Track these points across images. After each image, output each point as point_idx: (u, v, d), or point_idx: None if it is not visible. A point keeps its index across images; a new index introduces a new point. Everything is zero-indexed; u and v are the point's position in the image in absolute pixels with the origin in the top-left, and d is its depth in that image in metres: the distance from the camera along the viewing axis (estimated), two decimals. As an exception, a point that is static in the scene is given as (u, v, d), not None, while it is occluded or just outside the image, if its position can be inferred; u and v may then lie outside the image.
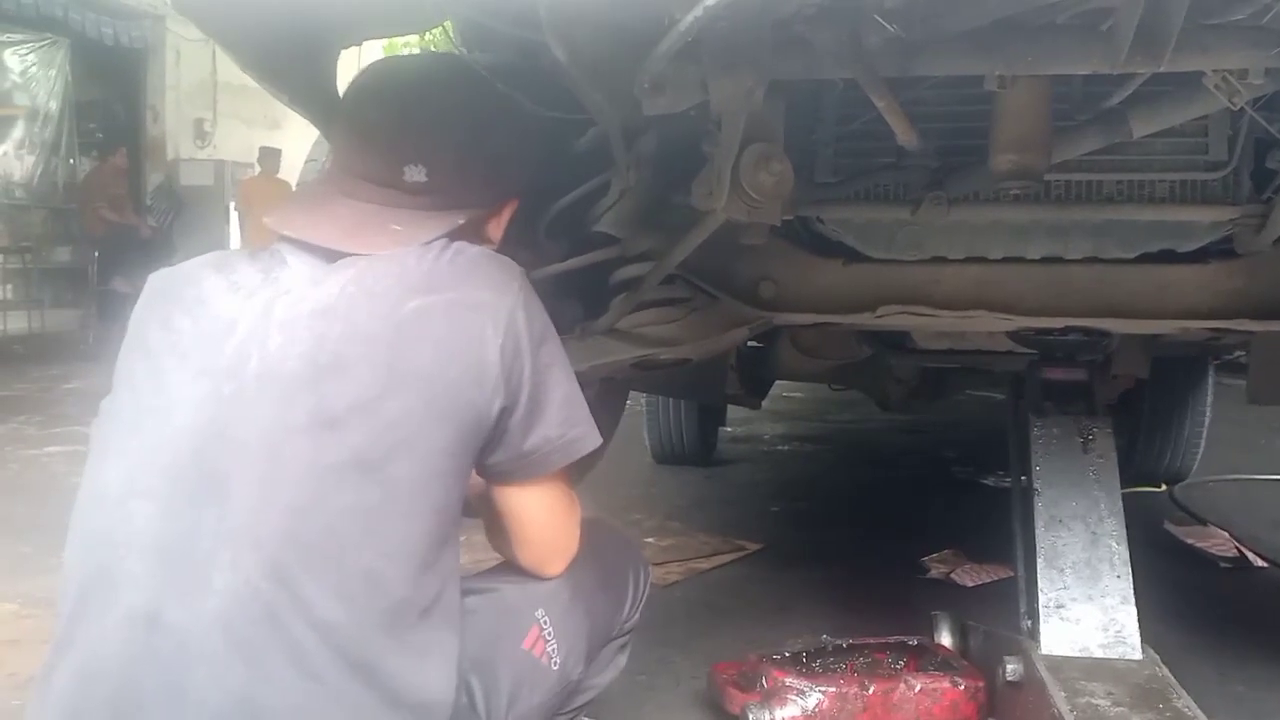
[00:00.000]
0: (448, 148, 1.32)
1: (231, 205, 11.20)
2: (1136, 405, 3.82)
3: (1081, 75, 1.62)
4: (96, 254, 9.84)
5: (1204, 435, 3.89)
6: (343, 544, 1.15)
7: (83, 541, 1.21)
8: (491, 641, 1.32)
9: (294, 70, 1.49)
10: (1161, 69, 1.38)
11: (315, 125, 1.65)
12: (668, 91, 1.41)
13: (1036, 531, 1.85)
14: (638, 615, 1.61)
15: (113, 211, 9.90)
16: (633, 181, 1.64)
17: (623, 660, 1.63)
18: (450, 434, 1.20)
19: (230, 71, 11.34)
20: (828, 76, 1.48)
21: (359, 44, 1.56)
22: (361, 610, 1.16)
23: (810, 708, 1.83)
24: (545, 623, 1.39)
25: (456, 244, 1.27)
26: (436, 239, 1.26)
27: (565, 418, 1.30)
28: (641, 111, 1.47)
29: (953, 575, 2.87)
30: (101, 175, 10.23)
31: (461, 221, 1.31)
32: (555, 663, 1.39)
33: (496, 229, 1.40)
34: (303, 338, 1.18)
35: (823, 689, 1.84)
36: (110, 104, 11.51)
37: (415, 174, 1.29)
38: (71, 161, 10.78)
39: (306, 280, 1.23)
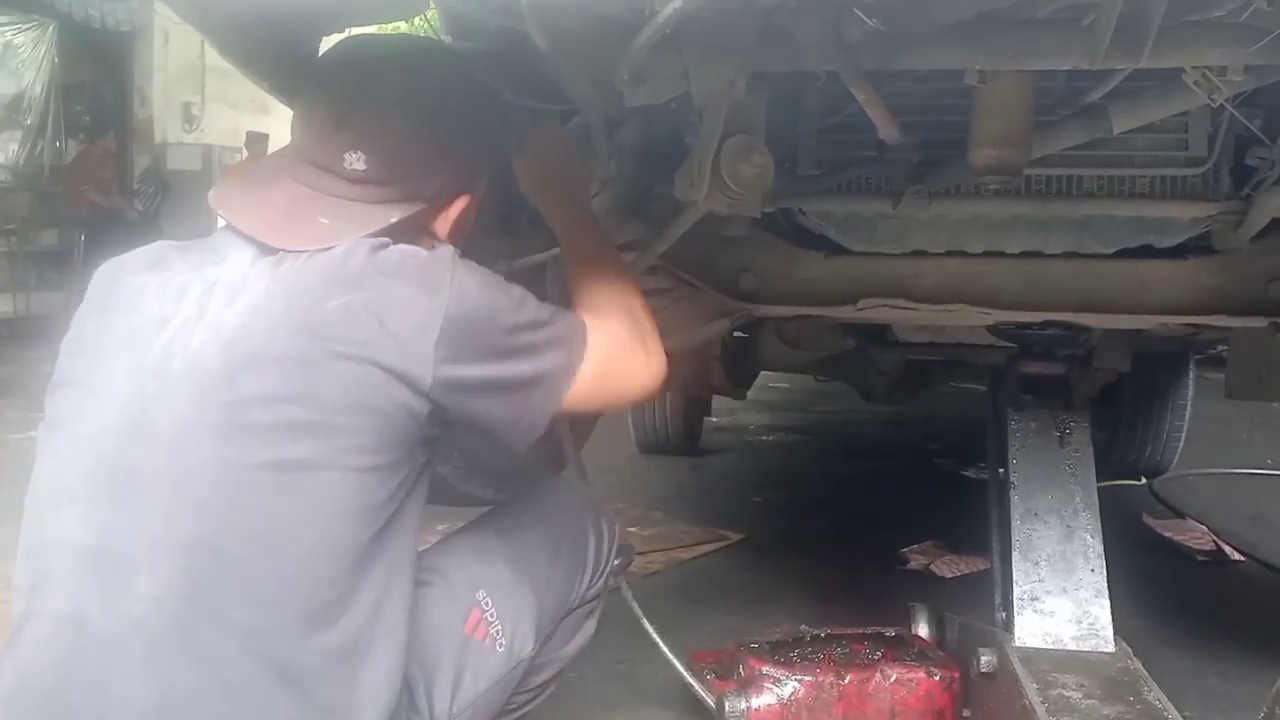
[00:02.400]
0: (390, 137, 1.26)
1: (219, 189, 11.14)
2: (1117, 399, 3.84)
3: (1063, 70, 1.62)
4: (82, 237, 9.78)
5: (1184, 429, 3.91)
6: (259, 546, 1.13)
7: (22, 547, 1.20)
8: (430, 631, 1.29)
9: (275, 57, 1.48)
10: (1141, 65, 1.39)
11: (296, 113, 1.64)
12: (649, 82, 1.40)
13: (1012, 524, 1.86)
14: (602, 581, 1.56)
15: (99, 194, 9.83)
16: (614, 172, 1.63)
17: (590, 627, 1.57)
18: (374, 433, 1.15)
19: (217, 54, 11.23)
20: (810, 69, 1.48)
21: (341, 31, 1.55)
22: (281, 614, 1.13)
23: (786, 696, 1.84)
24: (487, 604, 1.35)
25: (385, 241, 1.21)
26: (369, 235, 1.21)
27: (515, 403, 1.25)
28: (623, 102, 1.47)
29: (932, 566, 2.89)
30: (89, 158, 10.15)
31: (395, 219, 1.25)
32: (500, 644, 1.35)
33: (443, 224, 1.33)
34: (224, 336, 1.15)
35: (798, 678, 1.85)
36: (97, 86, 11.40)
37: (354, 161, 1.24)
38: (58, 144, 10.67)
39: (238, 277, 1.20)
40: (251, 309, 1.17)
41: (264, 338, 1.15)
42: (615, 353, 1.35)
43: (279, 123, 9.45)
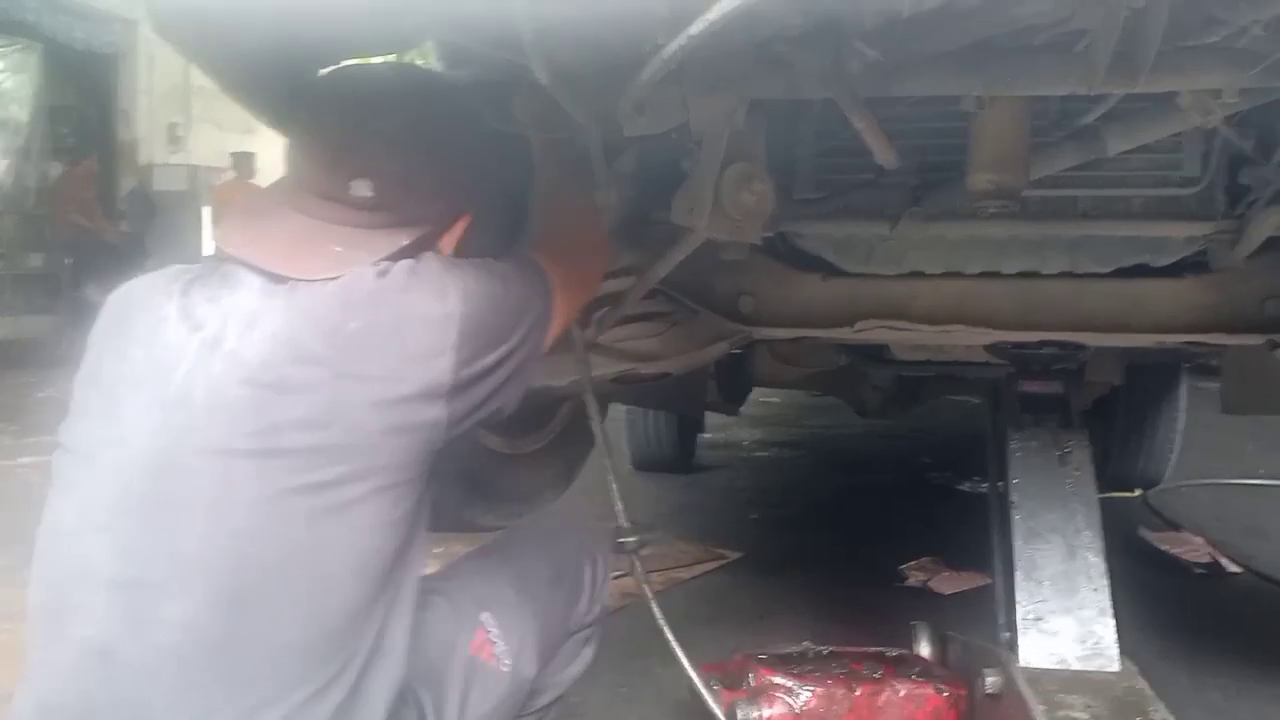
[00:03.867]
0: (396, 164, 1.29)
1: (205, 210, 11.11)
2: (1111, 411, 3.85)
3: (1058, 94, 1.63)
4: (68, 260, 9.74)
5: (1177, 440, 3.92)
6: (293, 568, 1.16)
7: (41, 576, 1.22)
8: (437, 650, 1.32)
9: (271, 89, 1.48)
10: (1138, 90, 1.40)
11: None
12: (648, 112, 1.41)
13: (1015, 544, 1.86)
14: (599, 608, 1.60)
15: (83, 217, 9.80)
16: (614, 199, 1.64)
17: (589, 654, 1.61)
18: (402, 450, 1.20)
19: (204, 76, 11.20)
20: (808, 96, 1.48)
21: (336, 64, 1.55)
22: (313, 632, 1.16)
23: (798, 706, 1.84)
24: (491, 625, 1.38)
25: (387, 264, 1.25)
26: (381, 260, 1.24)
27: (513, 368, 1.33)
28: (622, 131, 1.47)
29: (930, 583, 2.89)
30: (72, 180, 10.11)
31: (406, 242, 1.28)
32: (505, 665, 1.39)
33: (448, 244, 1.37)
34: (247, 364, 1.17)
35: (810, 688, 1.85)
36: (82, 109, 11.36)
37: (361, 189, 1.26)
38: (43, 167, 10.64)
39: (253, 305, 1.22)
40: (273, 337, 1.19)
41: (289, 365, 1.17)
42: (570, 281, 1.45)
43: (265, 143, 9.43)
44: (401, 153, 1.30)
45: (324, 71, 1.42)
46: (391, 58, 1.73)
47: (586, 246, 1.59)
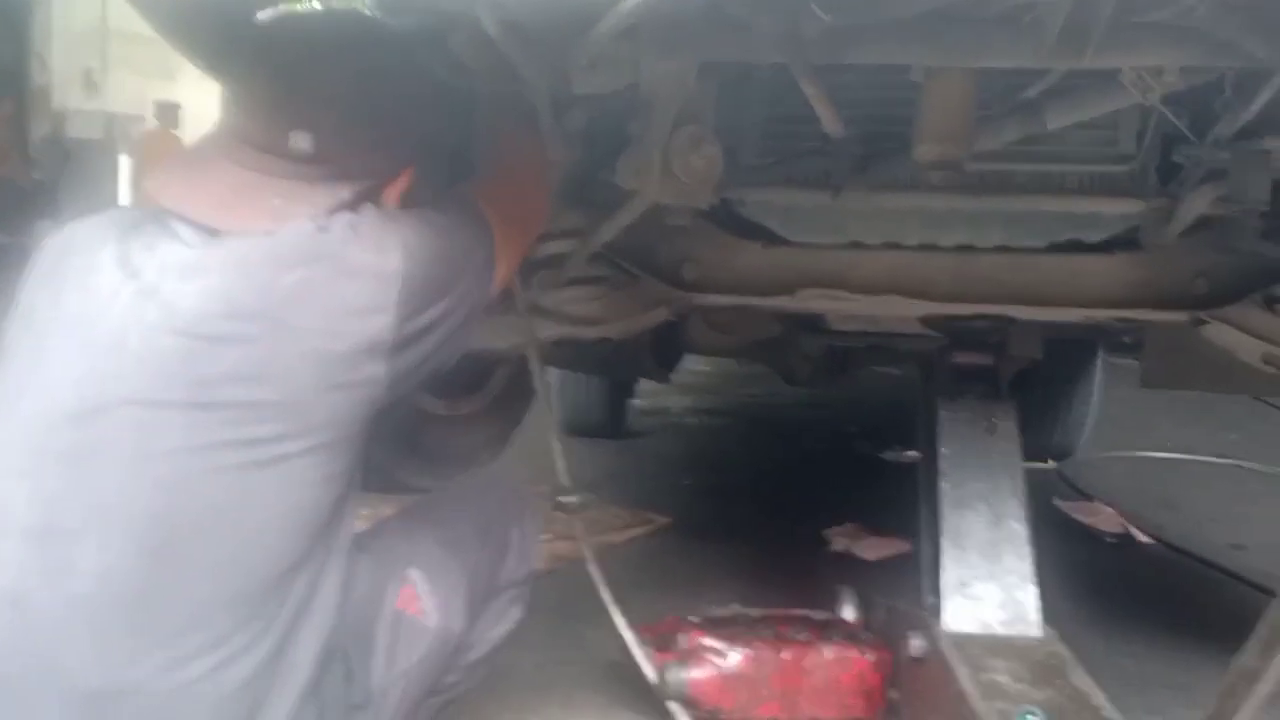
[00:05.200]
0: (336, 115, 1.26)
1: (122, 159, 10.77)
2: (1029, 384, 3.93)
3: (1002, 68, 1.65)
4: (-24, 205, 9.37)
5: (1090, 414, 4.03)
6: (219, 520, 1.15)
7: None
8: (364, 606, 1.32)
9: (208, 32, 1.43)
10: (1084, 64, 1.42)
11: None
12: (600, 70, 1.39)
13: (942, 512, 1.90)
14: (526, 567, 1.62)
15: (-5, 161, 9.43)
16: (560, 157, 1.62)
17: (516, 613, 1.63)
18: (340, 406, 1.19)
19: (122, 18, 10.84)
20: (762, 60, 1.48)
21: (273, 9, 1.50)
22: (236, 586, 1.16)
23: (727, 668, 1.86)
24: (418, 580, 1.39)
25: (338, 214, 1.23)
26: (320, 213, 1.22)
27: (456, 322, 1.32)
28: (571, 88, 1.45)
29: (854, 548, 2.94)
30: (-16, 124, 9.72)
31: (347, 195, 1.26)
32: (432, 619, 1.40)
33: (391, 197, 1.35)
34: (182, 314, 1.15)
35: (739, 650, 1.87)
36: (-8, 49, 10.92)
37: (301, 141, 1.24)
38: (-50, 108, 10.21)
39: (189, 256, 1.19)
40: (208, 290, 1.16)
41: (223, 319, 1.15)
42: (511, 227, 1.45)
43: (187, 91, 9.18)
44: (342, 104, 1.27)
45: (261, 17, 1.37)
46: (331, 4, 1.69)
47: (529, 193, 1.58)
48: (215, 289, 1.16)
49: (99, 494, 1.13)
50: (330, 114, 1.26)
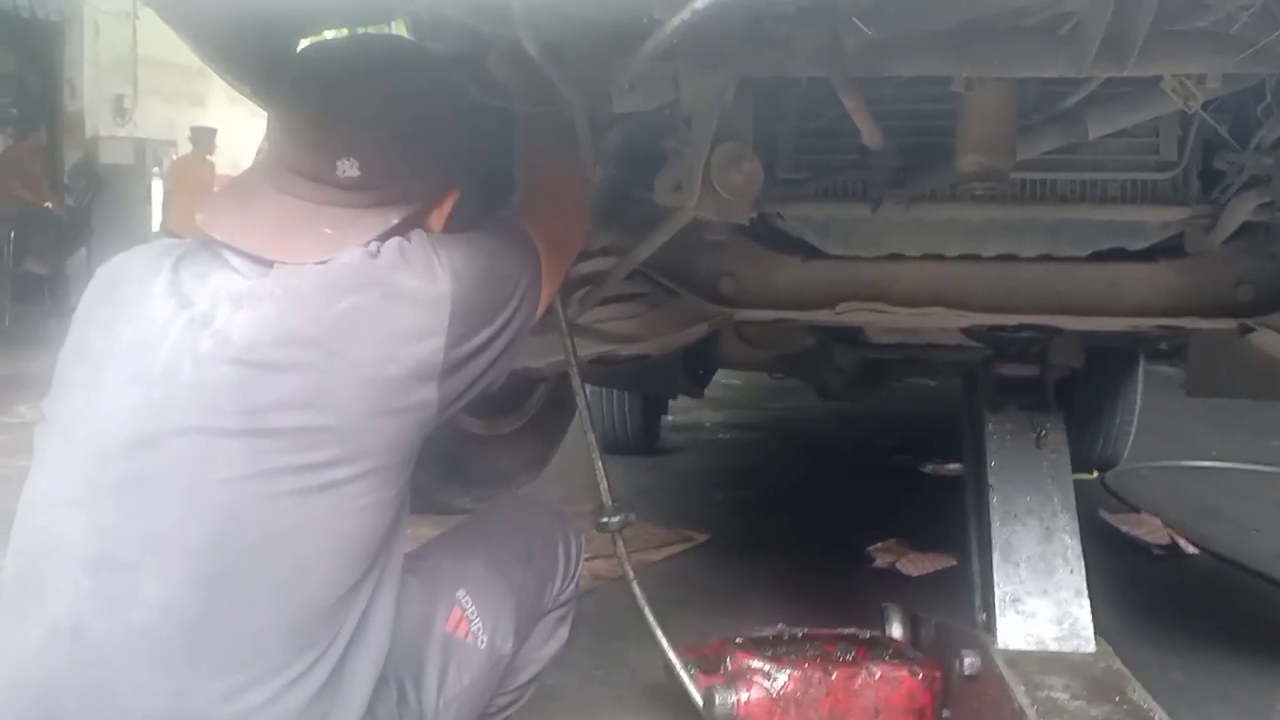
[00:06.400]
0: (381, 141, 1.26)
1: (153, 184, 10.90)
2: (1070, 394, 3.89)
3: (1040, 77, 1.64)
4: (11, 234, 9.51)
5: (1134, 423, 3.98)
6: (277, 547, 1.14)
7: (16, 550, 1.19)
8: (414, 629, 1.32)
9: (252, 59, 1.44)
10: (1125, 74, 1.40)
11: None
12: (639, 89, 1.39)
13: (992, 526, 1.87)
14: (572, 587, 1.61)
15: (28, 191, 9.57)
16: (598, 177, 1.62)
17: (563, 633, 1.62)
18: (392, 431, 1.19)
19: (151, 46, 10.96)
20: (801, 74, 1.47)
21: (318, 34, 1.51)
22: (295, 614, 1.15)
23: (775, 690, 1.84)
24: (467, 602, 1.39)
25: (388, 241, 1.23)
26: (371, 240, 1.22)
27: (505, 343, 1.32)
28: (610, 107, 1.45)
29: (897, 564, 2.91)
30: (17, 154, 9.88)
31: (396, 221, 1.26)
32: (482, 641, 1.39)
33: (437, 221, 1.35)
34: (235, 343, 1.16)
35: (787, 671, 1.85)
36: (25, 79, 11.09)
37: (348, 168, 1.24)
38: (-15, 138, 10.40)
39: (242, 286, 1.20)
40: (261, 318, 1.16)
41: (277, 346, 1.15)
42: (554, 248, 1.44)
43: (215, 116, 9.28)
44: (387, 130, 1.27)
45: (302, 47, 1.38)
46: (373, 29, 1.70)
47: (569, 213, 1.58)
48: (268, 317, 1.16)
49: (156, 524, 1.13)
50: (376, 140, 1.26)
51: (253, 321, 1.16)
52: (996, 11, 1.35)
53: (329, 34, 1.56)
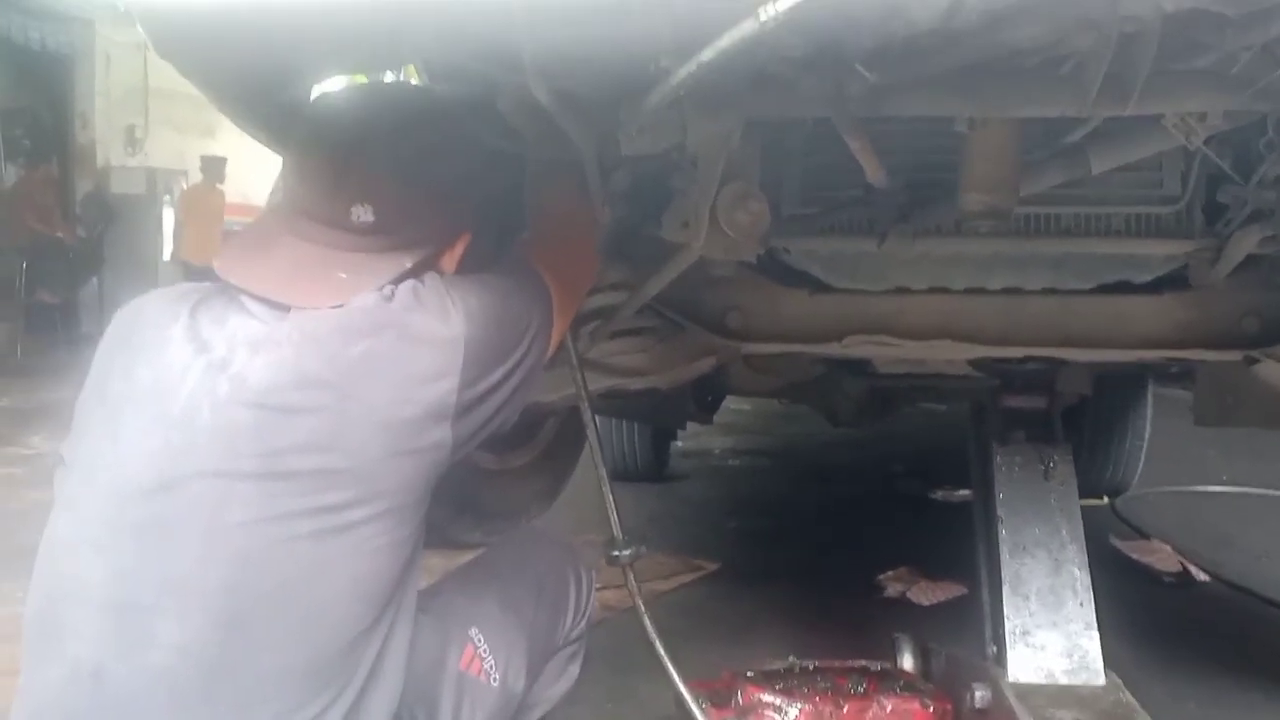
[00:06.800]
0: (395, 187, 1.28)
1: (164, 213, 10.97)
2: (1079, 420, 3.90)
3: (1043, 114, 1.65)
4: (24, 264, 9.58)
5: (1144, 448, 3.98)
6: (294, 589, 1.16)
7: (37, 592, 1.21)
8: (428, 667, 1.33)
9: (268, 109, 1.47)
10: (1127, 112, 1.42)
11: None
12: (647, 133, 1.42)
13: (1001, 559, 1.88)
14: (584, 623, 1.63)
15: (40, 222, 9.64)
16: (607, 216, 1.64)
17: (574, 670, 1.64)
18: (407, 473, 1.20)
19: (162, 77, 11.05)
20: (805, 115, 1.49)
21: (331, 78, 1.54)
22: (312, 654, 1.17)
23: None
24: (479, 640, 1.40)
25: (402, 284, 1.25)
26: (385, 284, 1.24)
27: (517, 383, 1.33)
28: (618, 150, 1.47)
29: (909, 594, 2.91)
30: (30, 185, 9.96)
31: (410, 264, 1.28)
32: (494, 679, 1.40)
33: (450, 263, 1.37)
34: (253, 387, 1.17)
35: (798, 705, 1.85)
36: (37, 111, 11.18)
37: (362, 214, 1.26)
38: (-3, 170, 10.47)
39: (259, 330, 1.22)
40: (279, 362, 1.18)
41: (294, 390, 1.17)
42: (565, 287, 1.47)
43: (225, 146, 9.28)
44: (401, 176, 1.29)
45: (316, 96, 1.41)
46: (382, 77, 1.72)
47: (579, 252, 1.60)
48: (285, 361, 1.18)
49: (175, 567, 1.15)
50: (390, 185, 1.28)
51: (270, 365, 1.18)
52: (998, 54, 1.37)
53: (340, 79, 1.58)
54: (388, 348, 1.19)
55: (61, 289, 9.83)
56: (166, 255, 10.78)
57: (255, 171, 7.42)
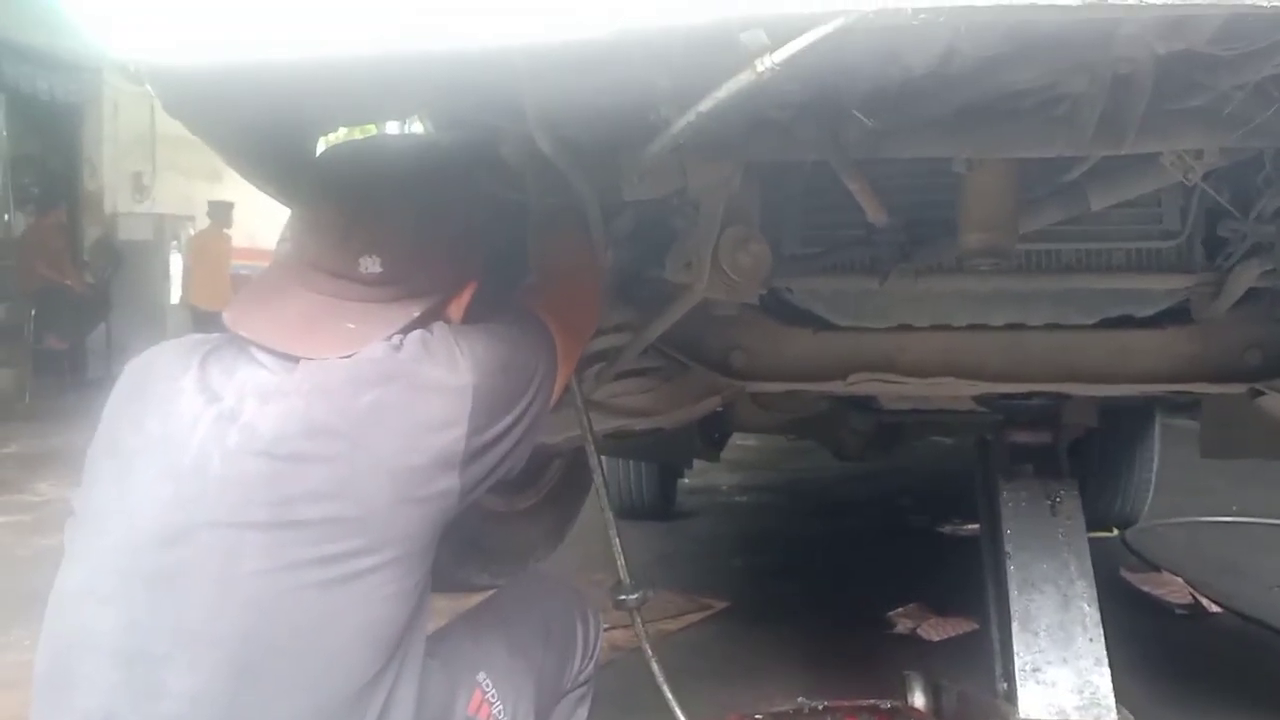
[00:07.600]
0: (402, 237, 1.30)
1: (172, 259, 11.04)
2: (1087, 452, 3.89)
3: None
4: (33, 311, 9.63)
5: (1153, 479, 3.96)
6: (305, 637, 1.16)
7: (48, 643, 1.21)
8: (436, 712, 1.32)
9: (276, 162, 1.49)
10: (1123, 151, 1.44)
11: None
12: (649, 179, 1.44)
13: (1010, 595, 1.87)
14: (591, 666, 1.62)
15: (50, 268, 9.69)
16: (610, 260, 1.66)
17: (583, 713, 1.64)
18: (416, 520, 1.21)
19: (169, 123, 11.08)
20: (803, 159, 1.51)
21: (336, 131, 1.56)
22: (322, 702, 1.17)
23: None
24: (487, 685, 1.39)
25: (410, 333, 1.26)
26: (394, 333, 1.26)
27: (523, 430, 1.33)
28: (620, 195, 1.49)
29: (919, 630, 2.90)
30: (40, 231, 10.01)
31: (418, 313, 1.29)
32: None
33: (457, 311, 1.39)
34: (263, 437, 1.18)
35: None
36: (46, 159, 11.28)
37: (370, 265, 1.27)
38: (6, 217, 10.52)
39: (269, 380, 1.23)
40: (288, 412, 1.19)
41: (304, 439, 1.18)
42: (569, 333, 1.47)
43: (231, 191, 9.30)
44: (408, 226, 1.31)
45: (324, 150, 1.42)
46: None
47: (582, 298, 1.61)
48: (295, 411, 1.19)
49: (186, 617, 1.15)
50: (397, 236, 1.30)
51: (280, 415, 1.19)
52: (993, 96, 1.39)
53: (346, 131, 1.61)
54: (397, 397, 1.20)
55: (69, 334, 9.87)
56: (174, 300, 10.83)
57: (262, 215, 7.47)
